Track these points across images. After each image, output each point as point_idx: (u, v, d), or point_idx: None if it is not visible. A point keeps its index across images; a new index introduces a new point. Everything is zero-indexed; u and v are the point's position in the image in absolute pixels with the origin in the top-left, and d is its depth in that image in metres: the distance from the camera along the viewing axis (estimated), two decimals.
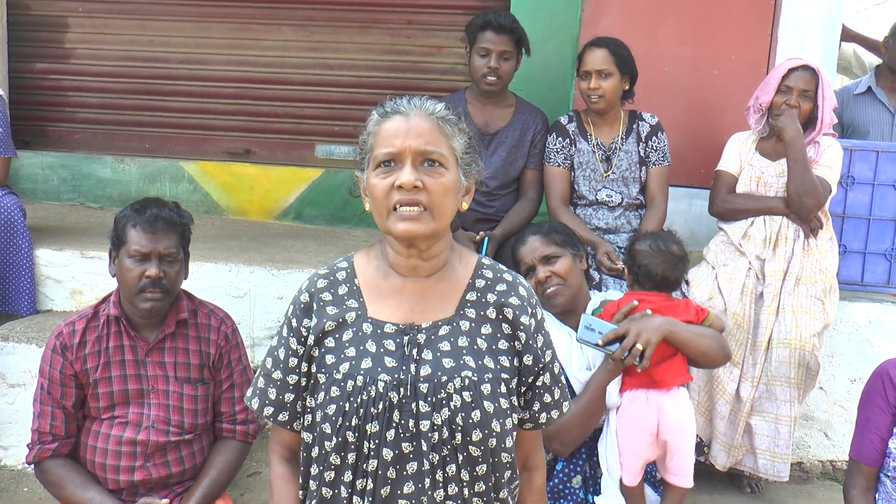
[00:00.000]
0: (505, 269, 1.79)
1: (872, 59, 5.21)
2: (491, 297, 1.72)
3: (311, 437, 1.68)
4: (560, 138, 3.54)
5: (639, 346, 2.39)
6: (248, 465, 3.27)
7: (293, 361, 1.72)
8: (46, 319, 3.60)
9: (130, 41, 4.74)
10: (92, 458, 2.42)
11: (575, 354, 2.58)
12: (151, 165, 4.72)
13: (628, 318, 2.50)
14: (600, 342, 2.43)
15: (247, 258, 3.72)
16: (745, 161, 3.55)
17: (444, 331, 1.68)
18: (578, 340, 2.47)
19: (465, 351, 1.66)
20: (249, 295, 3.58)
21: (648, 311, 2.51)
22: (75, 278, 3.71)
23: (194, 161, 4.71)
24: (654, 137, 3.53)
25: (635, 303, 2.54)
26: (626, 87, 3.47)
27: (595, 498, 2.53)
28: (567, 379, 2.55)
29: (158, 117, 4.80)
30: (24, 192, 4.57)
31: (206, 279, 3.54)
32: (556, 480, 2.56)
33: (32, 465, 2.48)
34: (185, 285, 2.57)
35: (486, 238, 3.41)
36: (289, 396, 1.73)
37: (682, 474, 2.56)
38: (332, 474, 1.64)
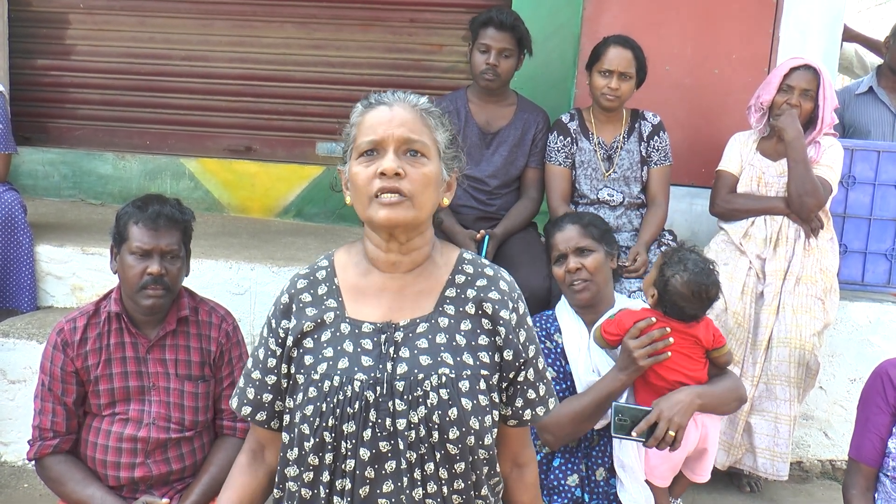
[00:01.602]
0: (487, 263, 1.78)
1: (874, 59, 5.21)
2: (471, 293, 1.71)
3: (290, 438, 1.67)
4: (561, 137, 3.54)
5: (671, 433, 2.37)
6: None
7: (272, 362, 1.72)
8: (47, 316, 3.60)
9: (132, 38, 4.75)
10: (92, 455, 2.41)
11: (583, 353, 2.56)
12: (152, 162, 4.73)
13: (656, 400, 2.45)
14: (634, 434, 2.40)
15: (247, 255, 3.72)
16: (745, 161, 3.55)
17: (421, 328, 1.67)
18: (614, 435, 2.43)
19: (442, 348, 1.64)
20: (250, 292, 3.58)
21: (668, 329, 2.47)
22: (76, 275, 3.71)
23: (195, 158, 4.71)
24: (656, 137, 3.53)
25: (653, 320, 2.49)
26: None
27: (619, 492, 2.52)
28: (572, 376, 2.55)
29: (159, 114, 4.80)
30: (24, 189, 4.58)
31: (206, 276, 3.54)
32: (552, 477, 2.57)
33: (33, 462, 2.47)
34: (186, 283, 2.56)
35: (487, 236, 3.41)
36: (267, 396, 1.73)
37: (706, 474, 2.62)
38: (311, 475, 1.64)
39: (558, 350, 2.59)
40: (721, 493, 3.43)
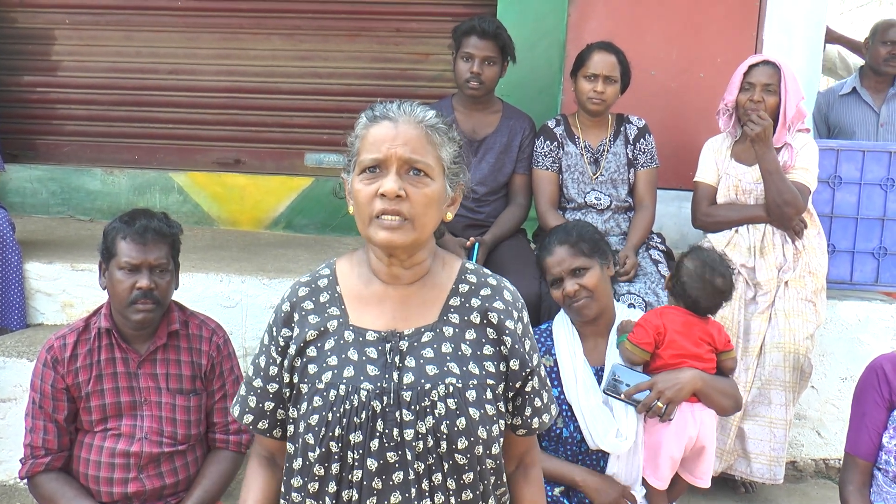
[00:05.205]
0: (489, 273, 1.78)
1: (857, 60, 5.26)
2: (475, 302, 1.70)
3: (294, 448, 1.66)
4: (548, 142, 3.55)
5: (659, 405, 2.42)
6: (242, 475, 3.25)
7: (273, 370, 1.71)
8: (37, 333, 3.58)
9: (118, 52, 4.74)
10: (85, 471, 2.41)
11: (577, 371, 2.55)
12: (141, 177, 4.71)
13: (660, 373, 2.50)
14: (623, 396, 2.45)
15: (238, 268, 3.71)
16: (721, 169, 3.52)
17: (427, 337, 1.65)
18: (604, 392, 2.46)
19: (448, 357, 1.63)
20: (241, 305, 3.58)
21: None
22: (66, 291, 3.70)
23: (184, 172, 4.70)
24: (642, 140, 3.55)
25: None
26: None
27: None
28: (568, 402, 2.52)
29: (147, 128, 4.79)
30: (12, 206, 4.56)
31: (197, 290, 3.53)
32: None
33: (25, 481, 2.47)
34: (176, 296, 2.56)
35: (477, 244, 3.42)
36: (269, 405, 1.72)
37: (705, 477, 2.63)
38: (316, 485, 1.61)
39: (553, 373, 2.57)
40: (715, 496, 3.43)
